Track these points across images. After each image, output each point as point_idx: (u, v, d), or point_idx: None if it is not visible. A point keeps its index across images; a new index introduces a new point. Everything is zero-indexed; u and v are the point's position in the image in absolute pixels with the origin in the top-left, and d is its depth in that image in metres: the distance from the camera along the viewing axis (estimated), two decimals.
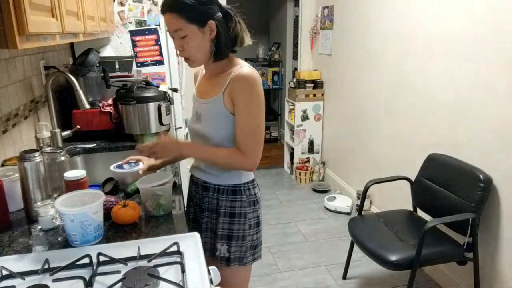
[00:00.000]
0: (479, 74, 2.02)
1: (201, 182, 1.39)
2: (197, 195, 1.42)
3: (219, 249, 1.36)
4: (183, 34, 1.18)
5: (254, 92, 1.21)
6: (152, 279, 0.90)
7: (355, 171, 3.51)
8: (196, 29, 1.19)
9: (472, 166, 2.02)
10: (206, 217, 1.39)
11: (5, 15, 0.78)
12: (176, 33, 1.19)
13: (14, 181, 1.26)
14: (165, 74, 2.90)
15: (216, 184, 1.35)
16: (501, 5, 1.86)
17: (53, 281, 0.92)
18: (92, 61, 2.10)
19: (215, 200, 1.36)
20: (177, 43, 1.22)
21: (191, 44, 1.20)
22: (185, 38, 1.19)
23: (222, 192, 1.34)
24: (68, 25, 1.18)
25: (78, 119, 2.05)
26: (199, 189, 1.41)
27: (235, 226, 1.34)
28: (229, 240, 1.35)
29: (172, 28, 1.19)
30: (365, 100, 3.22)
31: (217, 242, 1.36)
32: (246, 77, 1.20)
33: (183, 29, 1.18)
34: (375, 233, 2.13)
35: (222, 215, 1.34)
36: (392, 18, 2.77)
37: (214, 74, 1.31)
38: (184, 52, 1.23)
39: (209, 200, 1.37)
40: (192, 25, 1.18)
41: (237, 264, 1.37)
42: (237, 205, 1.34)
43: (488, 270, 2.04)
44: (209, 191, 1.37)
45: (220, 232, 1.35)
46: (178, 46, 1.22)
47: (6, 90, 1.49)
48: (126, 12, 2.76)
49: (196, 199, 1.43)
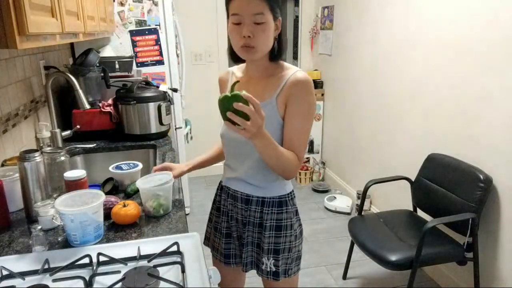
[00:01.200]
0: (479, 74, 2.02)
1: (241, 195, 1.29)
2: (234, 208, 1.32)
3: (265, 263, 1.28)
4: (262, 19, 1.08)
5: (311, 98, 1.16)
6: (152, 279, 0.90)
7: (355, 171, 3.51)
8: (271, 19, 1.11)
9: (472, 166, 2.02)
10: (247, 231, 1.30)
11: (5, 15, 0.78)
12: (255, 17, 1.08)
13: (14, 181, 1.26)
14: (165, 74, 2.90)
15: (260, 196, 1.27)
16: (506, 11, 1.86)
17: (53, 281, 0.92)
18: (92, 61, 2.10)
19: (259, 213, 1.27)
20: (249, 29, 1.09)
21: (266, 33, 1.10)
22: (261, 25, 1.09)
23: (267, 205, 1.27)
24: (68, 25, 1.18)
25: (78, 119, 2.05)
26: (237, 203, 1.31)
27: (282, 239, 1.27)
28: (276, 254, 1.27)
29: (254, 10, 1.07)
30: (365, 100, 3.22)
31: (263, 257, 1.28)
32: (304, 82, 1.14)
33: (264, 14, 1.08)
34: (375, 233, 2.13)
35: (268, 229, 1.26)
36: (392, 18, 2.76)
37: (264, 77, 1.22)
38: (254, 39, 1.10)
39: (252, 214, 1.28)
40: (270, 14, 1.10)
41: (284, 277, 1.30)
42: (284, 217, 1.27)
43: (488, 270, 2.04)
44: (251, 204, 1.28)
45: (267, 247, 1.27)
46: (249, 32, 1.09)
47: (6, 90, 1.49)
48: (126, 12, 2.76)
49: (233, 213, 1.33)
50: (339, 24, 3.60)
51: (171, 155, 1.85)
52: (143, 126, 2.06)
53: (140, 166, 1.53)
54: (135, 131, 2.07)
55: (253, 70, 1.24)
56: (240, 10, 1.08)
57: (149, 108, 2.05)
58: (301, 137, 1.17)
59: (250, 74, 1.26)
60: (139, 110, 2.04)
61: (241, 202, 1.30)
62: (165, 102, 2.09)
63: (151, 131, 2.08)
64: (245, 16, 1.08)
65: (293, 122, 1.16)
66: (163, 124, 2.10)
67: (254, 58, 1.16)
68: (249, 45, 1.11)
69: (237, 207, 1.31)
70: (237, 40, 1.12)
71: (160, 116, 2.07)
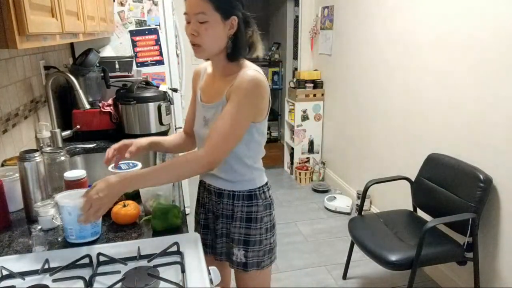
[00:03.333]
0: (479, 74, 2.02)
1: (214, 189, 1.35)
2: (210, 201, 1.38)
3: (236, 254, 1.33)
4: (204, 19, 1.12)
5: (249, 96, 1.15)
6: (152, 279, 0.90)
7: (355, 171, 3.51)
8: (219, 19, 1.13)
9: (472, 166, 2.02)
10: (221, 223, 1.36)
11: (5, 15, 0.78)
12: (196, 16, 1.12)
13: (14, 181, 1.26)
14: (165, 74, 2.90)
15: (231, 190, 1.31)
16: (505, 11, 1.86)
17: (53, 281, 0.92)
18: (92, 61, 2.10)
19: (230, 206, 1.32)
20: (193, 27, 1.14)
21: (209, 32, 1.13)
22: (204, 24, 1.12)
23: (237, 198, 1.31)
24: (68, 25, 1.18)
25: (78, 119, 2.05)
26: (212, 196, 1.36)
27: (252, 231, 1.31)
28: (246, 245, 1.32)
29: (195, 10, 1.12)
30: (365, 100, 3.22)
31: (233, 247, 1.33)
32: (247, 79, 1.15)
33: (206, 13, 1.11)
34: (375, 233, 2.13)
35: (238, 220, 1.32)
36: (392, 18, 2.76)
37: (223, 76, 1.25)
38: (198, 38, 1.14)
39: (224, 207, 1.33)
40: (216, 13, 1.12)
41: (255, 269, 1.34)
42: (253, 210, 1.31)
43: (488, 270, 2.04)
44: (223, 198, 1.33)
45: (237, 237, 1.32)
46: (193, 31, 1.14)
47: (6, 90, 1.49)
48: (126, 12, 2.76)
49: (209, 206, 1.39)
50: (339, 24, 3.60)
51: (171, 155, 1.85)
52: (143, 126, 2.06)
53: (140, 165, 1.53)
54: (135, 131, 2.07)
55: (214, 68, 1.29)
56: (187, 10, 1.14)
57: (149, 108, 2.05)
58: (219, 129, 1.14)
59: (214, 73, 1.30)
60: (139, 110, 2.04)
61: (215, 195, 1.35)
62: (165, 102, 2.09)
63: (151, 131, 2.08)
64: (190, 16, 1.13)
65: (219, 118, 1.16)
66: (163, 124, 2.10)
67: (202, 56, 1.20)
68: (194, 43, 1.16)
69: (212, 200, 1.37)
70: (188, 38, 1.18)
71: (160, 116, 2.07)
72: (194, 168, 1.13)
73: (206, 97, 1.30)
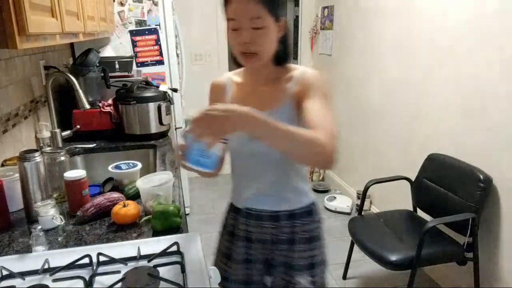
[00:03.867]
0: (479, 74, 2.02)
1: (266, 213, 1.17)
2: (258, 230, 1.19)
3: (300, 283, 1.15)
4: (261, 24, 1.00)
5: (326, 90, 1.06)
6: (152, 279, 0.90)
7: (355, 171, 3.50)
8: (273, 23, 1.03)
9: (472, 166, 2.02)
10: (277, 250, 1.18)
11: (5, 15, 0.78)
12: (253, 22, 1.00)
13: (14, 181, 1.26)
14: (165, 74, 2.91)
15: (290, 209, 1.17)
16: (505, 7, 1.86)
17: (53, 281, 0.92)
18: (92, 61, 2.10)
19: (289, 228, 1.17)
20: (247, 34, 1.01)
21: (267, 37, 1.02)
22: (260, 30, 1.01)
23: (298, 217, 1.17)
24: (68, 25, 1.18)
25: (78, 119, 2.05)
26: (263, 222, 1.18)
27: (316, 251, 1.19)
28: (311, 269, 1.17)
29: (250, 14, 0.99)
30: (365, 100, 3.22)
31: (295, 276, 1.16)
32: (316, 74, 1.08)
33: (263, 18, 1.00)
34: (375, 233, 2.13)
35: (301, 242, 1.17)
36: (393, 18, 2.76)
37: (268, 81, 1.12)
38: (254, 45, 1.02)
39: (282, 231, 1.17)
40: (271, 17, 1.02)
41: None
42: (314, 227, 1.18)
43: (488, 270, 2.04)
44: (280, 220, 1.16)
45: (302, 263, 1.17)
46: (247, 38, 1.01)
47: (6, 90, 1.49)
48: (126, 12, 2.76)
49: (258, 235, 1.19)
50: (339, 24, 3.60)
51: (171, 155, 1.85)
52: (143, 126, 2.06)
53: (139, 165, 1.53)
54: (135, 131, 2.07)
55: (255, 76, 1.15)
56: (236, 15, 1.01)
57: (149, 108, 2.05)
58: (324, 116, 1.00)
59: (253, 80, 1.16)
60: (139, 110, 2.04)
61: (269, 220, 1.18)
62: (165, 102, 2.10)
63: (151, 131, 2.08)
64: (242, 21, 1.01)
65: (313, 107, 1.02)
66: (163, 124, 2.10)
67: (257, 65, 1.08)
68: (249, 51, 1.04)
69: (264, 226, 1.18)
70: (237, 47, 1.05)
71: (160, 116, 2.07)
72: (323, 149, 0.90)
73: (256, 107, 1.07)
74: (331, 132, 0.96)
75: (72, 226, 1.21)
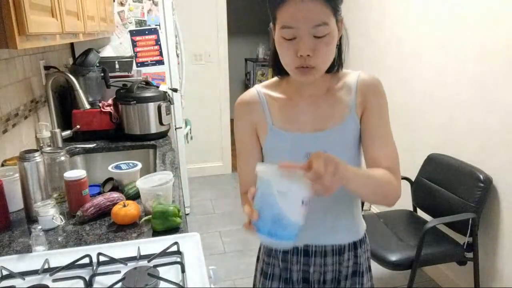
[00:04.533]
0: (479, 74, 2.02)
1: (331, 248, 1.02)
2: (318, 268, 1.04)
3: None
4: (326, 31, 0.81)
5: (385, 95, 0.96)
6: (152, 279, 0.90)
7: None
8: (335, 26, 0.85)
9: (472, 166, 2.02)
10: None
11: (5, 15, 0.78)
12: (316, 29, 0.80)
13: (14, 181, 1.26)
14: (165, 74, 2.90)
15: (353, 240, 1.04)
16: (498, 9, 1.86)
17: (53, 281, 0.92)
18: (92, 61, 2.10)
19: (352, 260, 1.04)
20: (308, 46, 0.80)
21: (329, 47, 0.83)
22: (324, 38, 0.81)
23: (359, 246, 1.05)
24: (68, 25, 1.18)
25: (78, 119, 2.05)
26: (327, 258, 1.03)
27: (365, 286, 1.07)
28: None
29: (316, 21, 0.79)
30: None
31: None
32: (376, 78, 0.94)
33: (328, 24, 0.81)
34: (375, 233, 2.13)
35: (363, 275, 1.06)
36: (394, 18, 2.76)
37: (321, 94, 0.95)
38: (314, 58, 0.82)
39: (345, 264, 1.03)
40: (334, 19, 0.83)
41: None
42: (363, 259, 1.05)
43: (488, 270, 2.04)
44: (344, 253, 1.02)
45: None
46: (309, 50, 0.80)
47: (6, 90, 1.49)
48: (126, 12, 2.76)
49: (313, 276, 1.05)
50: None
51: (171, 155, 1.85)
52: (143, 126, 2.06)
53: (139, 165, 1.53)
54: (135, 131, 2.07)
55: (303, 88, 0.95)
56: (295, 23, 0.80)
57: (149, 108, 2.05)
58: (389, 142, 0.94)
59: (300, 94, 0.96)
60: (139, 110, 2.04)
61: (332, 255, 1.03)
62: (165, 102, 2.10)
63: (151, 131, 2.08)
64: (302, 29, 0.80)
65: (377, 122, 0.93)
66: (163, 124, 2.10)
67: (311, 80, 0.88)
68: (308, 65, 0.83)
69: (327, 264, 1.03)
70: (291, 60, 0.84)
71: (160, 116, 2.07)
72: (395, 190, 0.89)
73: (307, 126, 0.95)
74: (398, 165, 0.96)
75: (72, 226, 1.21)
